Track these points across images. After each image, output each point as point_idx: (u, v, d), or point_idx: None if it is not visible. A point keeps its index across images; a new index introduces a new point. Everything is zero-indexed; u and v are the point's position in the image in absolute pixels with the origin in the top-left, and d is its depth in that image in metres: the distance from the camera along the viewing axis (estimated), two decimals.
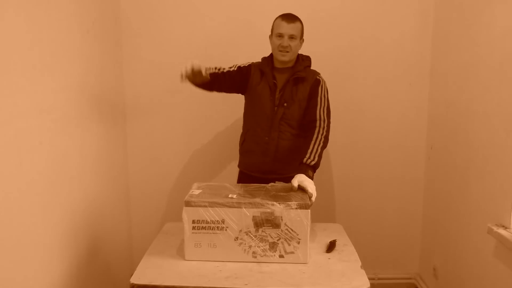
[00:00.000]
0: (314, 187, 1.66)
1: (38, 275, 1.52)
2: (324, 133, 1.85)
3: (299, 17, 1.94)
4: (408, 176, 2.58)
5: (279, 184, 1.74)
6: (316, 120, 1.88)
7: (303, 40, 1.97)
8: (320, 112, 1.90)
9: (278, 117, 1.95)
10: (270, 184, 1.74)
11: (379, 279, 2.63)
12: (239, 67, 2.02)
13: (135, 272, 1.46)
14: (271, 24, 1.96)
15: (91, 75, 2.00)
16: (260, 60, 2.05)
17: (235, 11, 2.43)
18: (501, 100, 1.74)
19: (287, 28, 1.88)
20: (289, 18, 1.90)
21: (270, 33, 1.99)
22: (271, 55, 2.01)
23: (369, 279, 1.43)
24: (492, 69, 1.82)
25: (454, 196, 2.17)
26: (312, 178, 1.73)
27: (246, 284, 1.38)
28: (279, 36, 1.90)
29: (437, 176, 2.41)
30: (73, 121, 1.79)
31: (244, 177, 2.10)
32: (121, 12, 2.41)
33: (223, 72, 1.98)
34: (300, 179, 1.67)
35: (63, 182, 1.69)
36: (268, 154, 1.98)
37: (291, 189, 1.64)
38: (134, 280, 1.40)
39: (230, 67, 2.01)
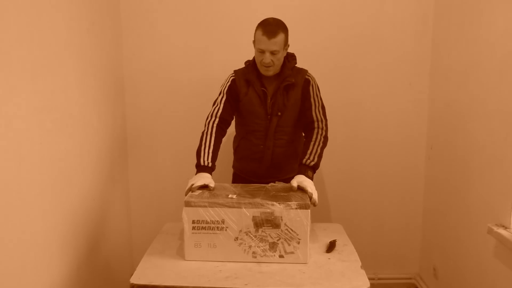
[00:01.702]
0: (314, 187, 1.67)
1: (38, 275, 1.52)
2: (324, 133, 1.84)
3: (283, 22, 1.80)
4: (408, 176, 2.57)
5: (279, 184, 1.74)
6: (314, 122, 1.86)
7: (287, 46, 1.84)
8: (316, 112, 1.87)
9: (273, 127, 1.90)
10: (270, 184, 1.74)
11: (379, 279, 2.63)
12: (226, 90, 1.89)
13: (135, 272, 1.46)
14: None
15: (91, 75, 2.00)
16: (243, 65, 1.94)
17: (236, 11, 2.43)
18: (501, 100, 1.74)
19: (268, 44, 1.74)
20: (270, 33, 1.73)
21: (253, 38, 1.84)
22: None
23: (369, 279, 1.43)
24: (492, 69, 1.81)
25: (454, 196, 2.17)
26: (311, 179, 1.73)
27: (246, 284, 1.38)
28: (261, 52, 1.77)
29: (437, 176, 2.40)
30: (73, 121, 1.79)
31: (239, 179, 2.08)
32: (121, 12, 2.41)
33: (222, 110, 1.86)
34: (299, 180, 1.67)
35: (63, 182, 1.69)
36: (264, 161, 1.95)
37: (291, 189, 1.64)
38: (134, 280, 1.41)
39: (221, 98, 1.88)
